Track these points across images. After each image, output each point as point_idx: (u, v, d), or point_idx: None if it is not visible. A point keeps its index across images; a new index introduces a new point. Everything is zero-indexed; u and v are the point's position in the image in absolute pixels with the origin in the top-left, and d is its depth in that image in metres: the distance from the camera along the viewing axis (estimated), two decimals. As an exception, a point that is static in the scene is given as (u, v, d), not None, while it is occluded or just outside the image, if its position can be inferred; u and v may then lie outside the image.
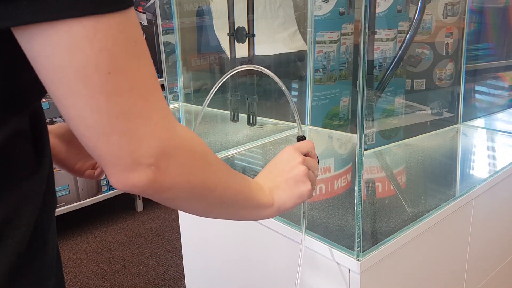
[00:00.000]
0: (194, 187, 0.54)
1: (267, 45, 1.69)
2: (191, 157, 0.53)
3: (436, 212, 1.04)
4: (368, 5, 0.83)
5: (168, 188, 0.51)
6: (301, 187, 0.70)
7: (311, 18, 1.53)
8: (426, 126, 1.55)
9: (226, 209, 0.63)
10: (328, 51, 1.54)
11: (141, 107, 0.46)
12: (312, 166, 0.74)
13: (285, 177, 0.70)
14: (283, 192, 0.70)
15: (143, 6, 2.74)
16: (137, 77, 0.46)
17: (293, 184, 0.70)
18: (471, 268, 1.23)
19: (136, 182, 0.48)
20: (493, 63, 1.69)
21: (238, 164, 1.44)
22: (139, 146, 0.47)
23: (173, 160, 0.50)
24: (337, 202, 1.15)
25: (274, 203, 0.69)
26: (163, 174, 0.49)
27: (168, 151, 0.49)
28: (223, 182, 0.59)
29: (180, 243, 1.38)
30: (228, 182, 0.60)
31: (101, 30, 0.42)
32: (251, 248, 1.12)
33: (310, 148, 0.76)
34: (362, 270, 0.87)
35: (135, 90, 0.46)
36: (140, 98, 0.46)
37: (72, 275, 2.24)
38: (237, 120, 1.49)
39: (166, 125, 0.49)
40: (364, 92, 0.82)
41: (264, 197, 0.68)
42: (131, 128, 0.46)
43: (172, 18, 1.36)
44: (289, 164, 0.71)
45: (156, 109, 0.48)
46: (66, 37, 0.41)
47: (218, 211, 0.63)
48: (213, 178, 0.57)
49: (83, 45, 0.42)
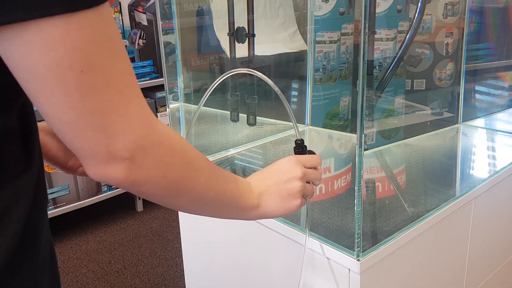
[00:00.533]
0: (171, 184, 0.54)
1: (267, 45, 1.69)
2: (169, 153, 0.53)
3: (436, 212, 1.04)
4: (368, 5, 0.83)
5: (144, 183, 0.51)
6: (291, 201, 0.70)
7: (311, 18, 1.53)
8: (426, 126, 1.55)
9: (206, 208, 0.63)
10: (328, 51, 1.54)
11: (117, 103, 0.47)
12: (314, 179, 0.74)
13: (279, 187, 0.70)
14: (273, 201, 0.70)
15: (143, 6, 2.74)
16: (113, 74, 0.46)
17: (285, 196, 0.70)
18: (471, 268, 1.23)
19: (112, 174, 0.49)
20: (493, 63, 1.69)
21: (238, 164, 1.44)
22: (114, 140, 0.47)
23: (149, 155, 0.50)
24: (337, 202, 1.15)
25: (259, 207, 0.69)
26: (139, 168, 0.50)
27: (144, 146, 0.49)
28: (203, 181, 0.59)
29: (180, 243, 1.38)
30: (209, 182, 0.60)
31: (74, 28, 0.42)
32: (251, 248, 1.12)
33: (316, 165, 0.75)
34: (362, 270, 0.87)
35: (110, 87, 0.46)
36: (116, 95, 0.46)
37: (72, 275, 2.24)
38: (237, 120, 1.49)
39: (143, 121, 0.49)
40: (364, 92, 0.82)
41: (248, 200, 0.68)
42: (107, 124, 0.46)
43: (172, 18, 1.36)
44: (287, 175, 0.71)
45: (133, 105, 0.48)
46: (39, 37, 0.41)
47: (198, 209, 0.63)
48: (191, 177, 0.57)
49: (56, 44, 0.42)
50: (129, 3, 2.82)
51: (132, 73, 0.49)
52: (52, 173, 2.41)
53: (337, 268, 0.91)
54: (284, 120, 1.63)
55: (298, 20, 1.77)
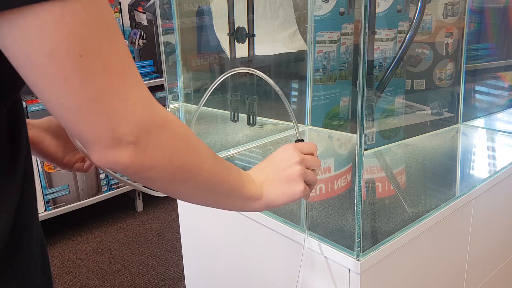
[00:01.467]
0: (176, 169, 0.54)
1: (267, 45, 1.69)
2: (173, 138, 0.52)
3: (436, 212, 1.04)
4: (368, 5, 0.83)
5: (150, 168, 0.51)
6: (293, 186, 0.70)
7: (311, 18, 1.53)
8: (426, 126, 1.55)
9: (210, 196, 0.63)
10: (328, 51, 1.54)
11: (117, 87, 0.47)
12: (313, 165, 0.74)
13: (279, 174, 0.70)
14: (274, 188, 0.69)
15: (143, 6, 2.74)
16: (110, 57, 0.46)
17: (286, 182, 0.70)
18: (471, 268, 1.23)
19: (117, 159, 0.49)
20: (493, 63, 1.69)
21: (238, 164, 1.44)
22: (118, 124, 0.47)
23: (154, 139, 0.50)
24: (337, 202, 1.15)
25: (262, 197, 0.68)
26: (144, 152, 0.50)
27: (148, 129, 0.49)
28: (207, 167, 0.58)
29: (180, 243, 1.38)
30: (213, 169, 0.60)
31: (68, 13, 0.42)
32: (251, 248, 1.12)
33: (312, 151, 0.75)
34: (362, 270, 0.87)
35: (109, 71, 0.46)
36: (115, 78, 0.46)
37: (72, 275, 2.24)
38: (237, 120, 1.49)
39: (145, 104, 0.49)
40: (364, 92, 0.82)
41: (252, 189, 0.67)
42: (109, 108, 0.46)
43: (172, 18, 1.36)
44: (285, 162, 0.71)
45: (133, 87, 0.48)
46: (34, 23, 0.42)
47: (202, 197, 0.62)
48: (196, 162, 0.57)
49: (52, 30, 0.42)
50: (129, 3, 2.82)
51: (130, 57, 0.49)
52: (52, 173, 2.41)
53: (337, 268, 0.91)
54: (284, 120, 1.63)
55: (298, 20, 1.77)
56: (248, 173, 0.70)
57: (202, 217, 1.27)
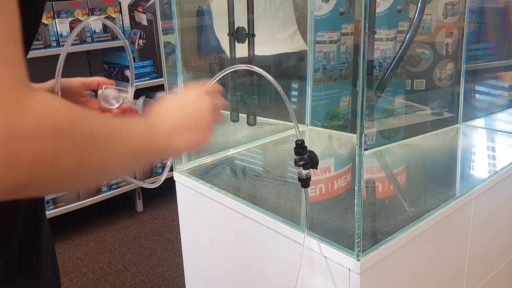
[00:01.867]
0: (63, 171, 0.42)
1: (267, 45, 1.69)
2: (52, 135, 0.40)
3: (436, 212, 1.04)
4: (368, 5, 0.83)
5: (26, 184, 0.39)
6: (202, 135, 0.65)
7: (311, 18, 1.53)
8: (426, 126, 1.55)
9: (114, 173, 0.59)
10: (328, 51, 1.54)
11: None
12: (220, 106, 0.70)
13: (187, 121, 0.64)
14: (183, 138, 0.62)
15: (143, 6, 2.74)
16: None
17: (195, 130, 0.64)
18: (471, 268, 1.23)
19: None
20: (493, 63, 1.69)
21: (238, 164, 1.44)
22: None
23: (25, 145, 0.38)
24: (337, 202, 1.15)
25: (169, 148, 0.62)
26: (14, 167, 0.37)
27: (15, 134, 0.37)
28: (103, 152, 0.46)
29: (180, 243, 1.38)
30: (110, 150, 0.48)
31: None
32: (250, 248, 1.12)
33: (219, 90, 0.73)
34: (362, 270, 0.87)
35: None
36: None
37: (72, 275, 2.24)
38: (237, 120, 1.49)
39: (10, 99, 0.37)
40: (364, 92, 0.82)
41: (160, 143, 0.59)
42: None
43: (172, 18, 1.36)
44: (197, 110, 0.66)
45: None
46: None
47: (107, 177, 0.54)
48: (88, 153, 0.44)
49: None
50: (129, 3, 2.82)
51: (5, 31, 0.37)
52: (52, 173, 2.41)
53: (337, 268, 0.91)
54: (284, 120, 1.63)
55: (298, 20, 1.77)
56: (153, 123, 0.61)
57: (202, 217, 1.27)
